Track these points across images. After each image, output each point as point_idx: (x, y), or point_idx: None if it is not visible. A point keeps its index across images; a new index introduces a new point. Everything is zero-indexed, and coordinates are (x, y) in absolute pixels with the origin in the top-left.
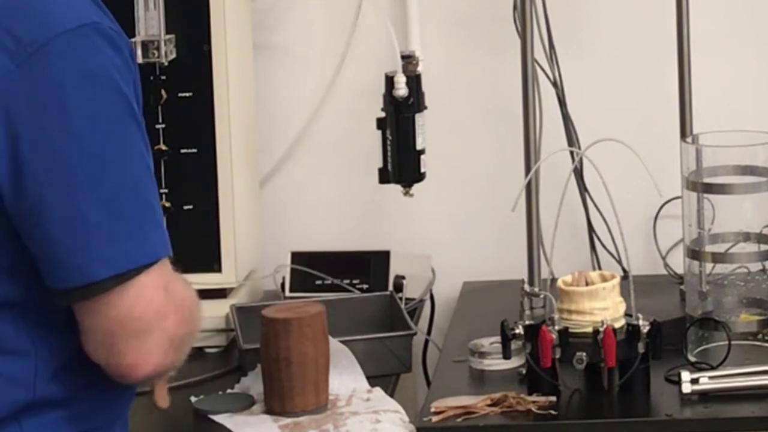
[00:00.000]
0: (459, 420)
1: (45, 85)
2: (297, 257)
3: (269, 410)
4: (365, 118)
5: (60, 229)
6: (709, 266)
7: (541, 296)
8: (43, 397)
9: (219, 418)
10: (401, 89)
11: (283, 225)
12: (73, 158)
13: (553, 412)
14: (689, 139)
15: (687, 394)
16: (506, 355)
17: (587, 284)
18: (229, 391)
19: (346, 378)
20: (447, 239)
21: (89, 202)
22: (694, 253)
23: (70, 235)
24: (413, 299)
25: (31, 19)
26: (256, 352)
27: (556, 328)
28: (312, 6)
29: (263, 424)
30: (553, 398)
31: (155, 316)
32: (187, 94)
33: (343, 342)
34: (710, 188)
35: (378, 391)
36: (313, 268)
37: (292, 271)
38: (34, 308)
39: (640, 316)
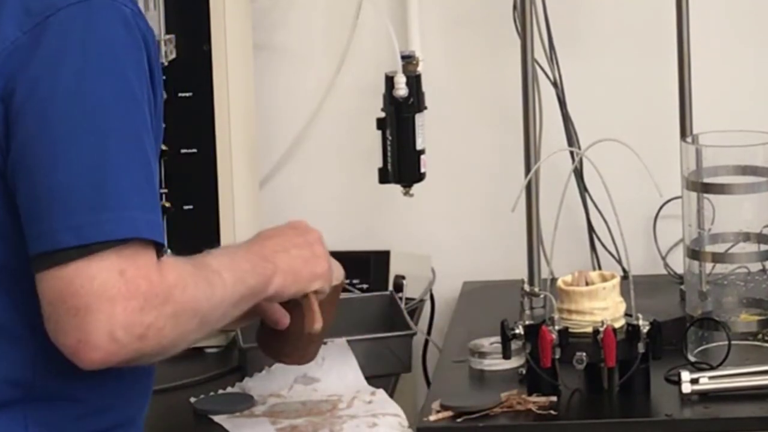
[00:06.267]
0: (459, 420)
1: (47, 46)
2: None
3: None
4: (365, 118)
5: (38, 188)
6: (709, 266)
7: (541, 296)
8: (44, 387)
9: (218, 419)
10: (401, 89)
11: None
12: (58, 115)
13: (553, 412)
14: (689, 139)
15: (687, 394)
16: (506, 355)
17: (587, 284)
18: (229, 389)
19: (346, 371)
20: (447, 239)
21: (66, 170)
22: (694, 253)
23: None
24: (413, 299)
25: None
26: (256, 352)
27: (556, 328)
28: (312, 6)
29: (261, 426)
30: (553, 398)
31: (97, 296)
32: (187, 94)
33: None
34: (710, 188)
35: (381, 394)
36: None
37: None
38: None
39: (640, 316)
